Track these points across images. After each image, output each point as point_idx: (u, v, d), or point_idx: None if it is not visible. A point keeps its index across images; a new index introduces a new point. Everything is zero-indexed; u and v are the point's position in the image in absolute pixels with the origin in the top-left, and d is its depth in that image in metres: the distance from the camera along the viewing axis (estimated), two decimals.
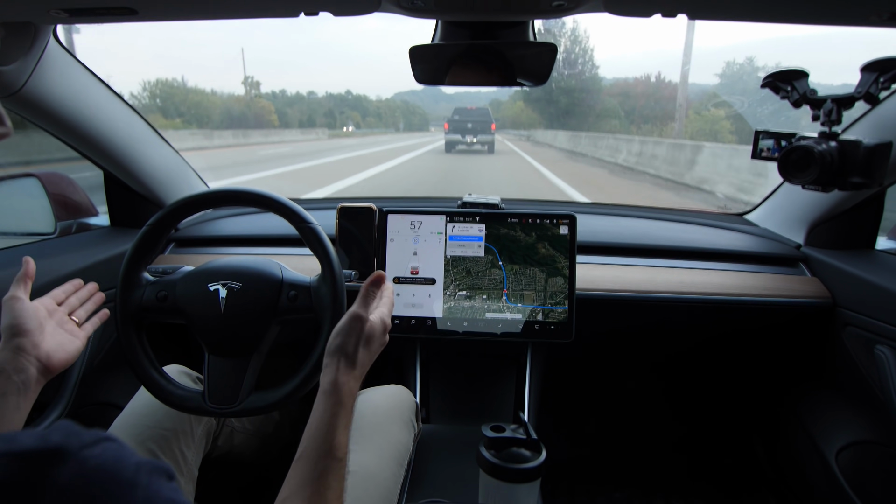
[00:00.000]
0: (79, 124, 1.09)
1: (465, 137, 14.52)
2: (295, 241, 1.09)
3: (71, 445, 0.30)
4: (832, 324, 1.18)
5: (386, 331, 0.69)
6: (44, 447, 0.30)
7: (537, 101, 30.70)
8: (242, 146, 20.08)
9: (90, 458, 0.30)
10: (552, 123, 26.78)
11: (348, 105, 68.87)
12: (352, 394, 0.61)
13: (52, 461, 0.29)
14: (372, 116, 65.63)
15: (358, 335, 0.64)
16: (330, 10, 0.72)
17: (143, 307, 0.83)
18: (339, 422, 0.58)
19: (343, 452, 0.57)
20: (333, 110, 57.84)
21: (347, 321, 0.65)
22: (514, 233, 1.12)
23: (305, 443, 0.57)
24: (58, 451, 0.30)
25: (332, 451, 0.56)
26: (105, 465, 0.30)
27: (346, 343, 0.63)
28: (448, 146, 14.97)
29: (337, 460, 0.56)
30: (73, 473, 0.29)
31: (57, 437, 0.31)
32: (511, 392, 1.22)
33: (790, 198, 1.35)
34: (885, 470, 1.09)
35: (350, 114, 59.07)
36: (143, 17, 0.75)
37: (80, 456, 0.30)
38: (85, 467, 0.30)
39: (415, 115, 74.62)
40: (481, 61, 0.87)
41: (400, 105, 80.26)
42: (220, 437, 0.96)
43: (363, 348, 0.64)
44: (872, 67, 0.77)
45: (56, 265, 1.10)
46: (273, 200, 0.84)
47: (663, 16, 0.71)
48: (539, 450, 0.68)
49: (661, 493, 1.47)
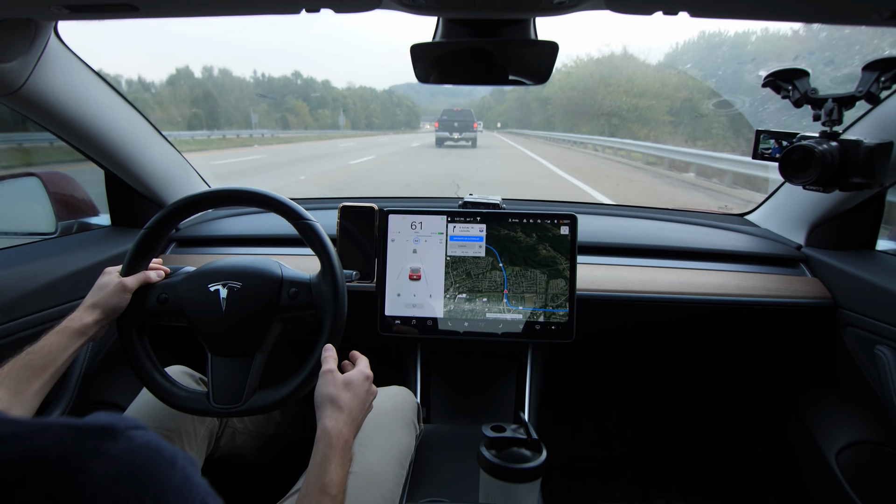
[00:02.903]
0: (80, 123, 1.09)
1: (452, 134, 17.05)
2: (295, 241, 1.09)
3: (118, 425, 0.34)
4: (833, 324, 1.18)
5: (368, 379, 0.77)
6: (96, 423, 0.33)
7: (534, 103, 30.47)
8: None
9: (136, 437, 0.34)
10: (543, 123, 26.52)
11: (293, 92, 47.34)
12: (341, 436, 0.68)
13: (103, 435, 0.32)
14: (328, 108, 45.79)
15: (335, 384, 0.73)
16: (331, 6, 0.72)
17: (144, 311, 0.83)
18: (330, 463, 0.65)
19: (336, 489, 0.64)
20: (263, 99, 39.24)
21: (322, 377, 0.75)
22: (514, 233, 1.12)
23: (304, 480, 0.66)
24: (109, 428, 0.33)
25: (324, 489, 0.63)
26: (149, 445, 0.34)
27: (328, 392, 0.72)
28: (438, 142, 17.31)
29: (330, 497, 0.63)
30: (122, 447, 0.32)
31: (105, 418, 0.34)
32: (511, 392, 1.21)
33: (791, 198, 1.35)
34: (886, 470, 1.09)
35: (294, 103, 40.54)
36: (143, 14, 0.75)
37: (128, 434, 0.33)
38: (132, 444, 0.33)
39: (399, 109, 57.19)
40: (482, 59, 0.87)
41: (379, 97, 60.57)
42: (222, 437, 0.96)
43: (346, 392, 0.73)
44: (873, 67, 0.77)
45: (57, 265, 1.10)
46: (273, 199, 0.84)
47: (664, 13, 0.71)
48: (539, 450, 0.68)
49: (661, 492, 1.47)
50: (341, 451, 0.67)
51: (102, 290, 0.80)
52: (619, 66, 22.96)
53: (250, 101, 34.61)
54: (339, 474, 0.65)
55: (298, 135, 26.93)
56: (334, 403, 0.71)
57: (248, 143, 18.42)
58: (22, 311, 1.01)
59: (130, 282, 0.81)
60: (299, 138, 24.04)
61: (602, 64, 24.51)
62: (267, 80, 53.22)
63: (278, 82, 52.43)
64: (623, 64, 23.18)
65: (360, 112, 52.36)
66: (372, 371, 0.80)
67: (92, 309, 0.77)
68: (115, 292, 0.79)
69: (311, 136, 26.29)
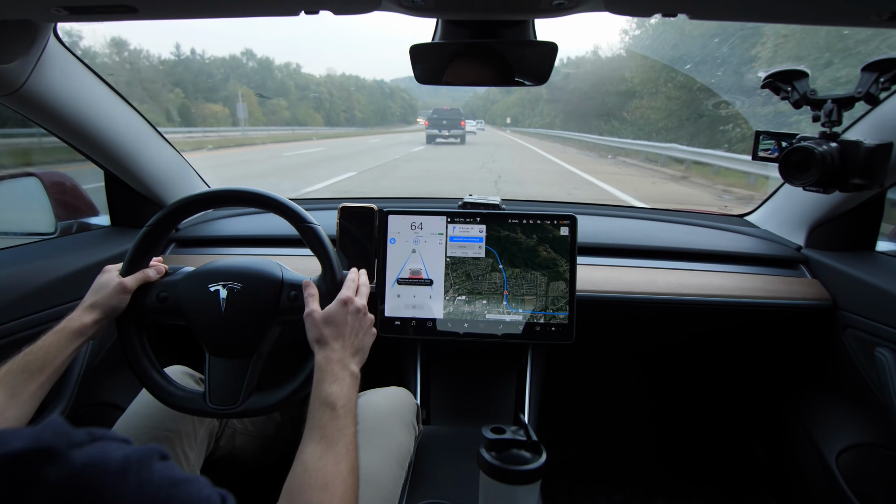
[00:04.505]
0: (79, 123, 1.09)
1: (442, 132, 17.96)
2: (295, 242, 1.09)
3: (60, 445, 0.31)
4: (833, 326, 1.18)
5: (348, 303, 0.77)
6: (34, 447, 0.30)
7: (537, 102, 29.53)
8: None
9: (77, 456, 0.31)
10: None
11: (241, 77, 36.56)
12: (331, 359, 0.71)
13: (42, 460, 0.30)
14: (295, 99, 36.55)
15: (315, 324, 0.75)
16: (330, 8, 0.72)
17: (143, 309, 0.83)
18: (324, 381, 0.68)
19: (338, 403, 0.66)
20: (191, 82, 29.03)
21: (305, 320, 0.76)
22: (514, 235, 1.12)
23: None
24: (47, 451, 0.31)
25: (324, 401, 0.66)
26: (92, 462, 0.31)
27: (310, 336, 0.75)
28: (429, 139, 18.03)
29: (331, 408, 0.66)
30: (62, 471, 0.30)
31: (48, 436, 0.32)
32: (511, 393, 1.21)
33: (791, 199, 1.35)
34: (886, 472, 1.08)
35: (240, 90, 30.70)
36: (143, 16, 0.75)
37: (70, 455, 0.31)
38: (73, 465, 0.31)
39: (393, 101, 49.92)
40: (482, 60, 0.87)
41: (367, 87, 50.98)
42: (221, 438, 0.96)
43: (328, 328, 0.74)
44: (873, 67, 0.77)
45: (56, 265, 1.10)
46: (273, 200, 0.84)
47: (664, 15, 0.71)
48: (539, 451, 0.68)
49: (661, 494, 1.47)
50: (333, 371, 0.70)
51: (101, 290, 0.79)
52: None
53: (155, 85, 22.99)
54: (338, 389, 0.68)
55: (209, 136, 17.79)
56: (319, 342, 0.74)
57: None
58: (22, 311, 1.01)
59: (130, 282, 0.81)
60: (209, 141, 15.95)
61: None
62: (208, 59, 38.96)
63: (219, 63, 39.73)
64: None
65: (339, 104, 42.65)
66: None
67: (91, 309, 0.77)
68: (115, 293, 0.79)
69: (230, 140, 17.33)
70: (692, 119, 11.10)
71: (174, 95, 23.69)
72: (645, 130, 13.25)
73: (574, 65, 24.21)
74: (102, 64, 20.58)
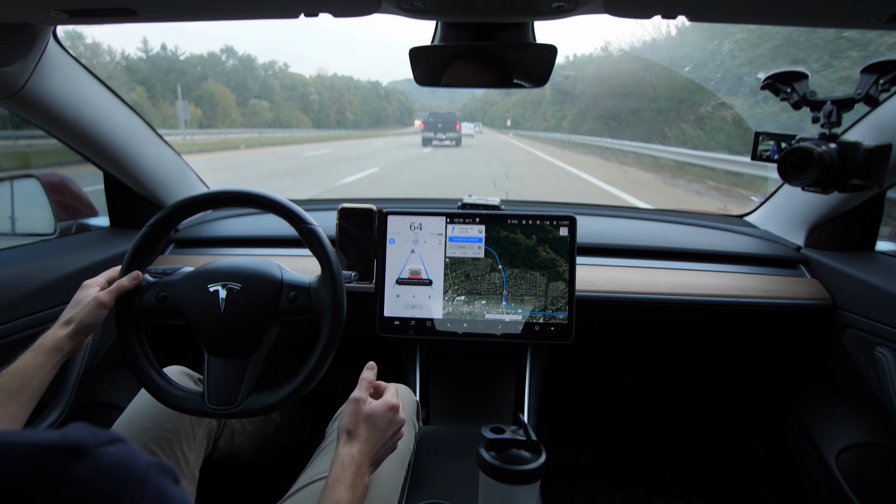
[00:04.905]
0: (79, 125, 1.09)
1: (437, 134, 18.20)
2: (295, 242, 1.09)
3: (88, 443, 0.32)
4: (832, 326, 1.18)
5: (392, 409, 0.76)
6: (64, 442, 0.32)
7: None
8: None
9: (106, 455, 0.32)
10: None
11: (219, 76, 33.36)
12: (353, 461, 0.69)
13: (71, 455, 0.31)
14: (280, 100, 33.90)
15: (356, 415, 0.73)
16: (330, 11, 0.72)
17: (142, 308, 0.83)
18: (339, 484, 0.66)
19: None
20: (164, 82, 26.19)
21: (348, 404, 0.75)
22: (514, 235, 1.12)
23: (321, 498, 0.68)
24: (77, 447, 0.32)
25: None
26: (119, 462, 0.33)
27: (345, 424, 0.72)
28: (424, 141, 18.33)
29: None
30: (90, 468, 0.31)
31: (76, 434, 0.33)
32: (511, 393, 1.21)
33: (790, 199, 1.35)
34: (886, 472, 1.08)
35: (212, 88, 28.40)
36: (142, 18, 0.75)
37: (97, 453, 0.32)
38: (101, 463, 0.32)
39: (388, 103, 47.64)
40: (481, 62, 0.87)
41: (361, 88, 48.01)
42: (220, 438, 0.96)
43: (364, 425, 0.72)
44: (872, 69, 0.77)
45: (56, 266, 1.10)
46: (272, 201, 0.84)
47: (663, 17, 0.71)
48: (539, 451, 0.68)
49: (661, 494, 1.47)
50: (352, 475, 0.67)
51: (77, 305, 0.77)
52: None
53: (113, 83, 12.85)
54: (349, 496, 0.65)
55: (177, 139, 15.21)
56: (350, 435, 0.71)
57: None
58: (21, 312, 1.01)
59: (105, 297, 0.78)
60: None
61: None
62: (182, 56, 34.35)
63: (195, 60, 35.83)
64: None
65: (330, 105, 40.24)
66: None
67: (66, 325, 0.75)
68: (91, 309, 0.76)
69: (209, 143, 15.68)
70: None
71: (136, 95, 21.65)
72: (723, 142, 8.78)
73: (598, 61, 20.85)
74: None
